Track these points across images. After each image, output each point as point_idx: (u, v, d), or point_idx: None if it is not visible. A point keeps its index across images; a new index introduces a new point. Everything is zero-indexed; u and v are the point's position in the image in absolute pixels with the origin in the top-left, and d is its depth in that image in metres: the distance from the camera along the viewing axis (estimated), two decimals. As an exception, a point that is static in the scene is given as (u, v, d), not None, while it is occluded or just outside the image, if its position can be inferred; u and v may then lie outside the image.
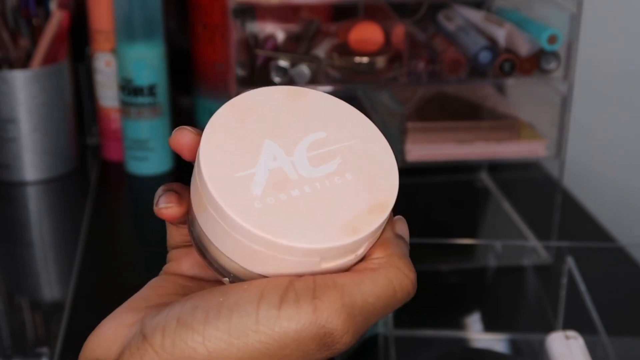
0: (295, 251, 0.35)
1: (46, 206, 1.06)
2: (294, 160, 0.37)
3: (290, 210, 0.35)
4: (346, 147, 0.38)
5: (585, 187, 1.09)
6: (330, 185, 0.37)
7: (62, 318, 0.75)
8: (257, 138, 0.37)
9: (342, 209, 0.36)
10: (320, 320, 0.34)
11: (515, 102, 0.94)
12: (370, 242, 0.38)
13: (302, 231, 0.35)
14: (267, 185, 0.36)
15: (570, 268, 0.73)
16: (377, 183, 0.37)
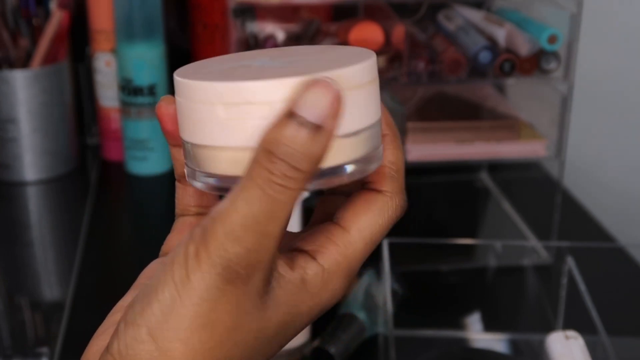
0: (251, 92, 0.32)
1: (46, 206, 1.06)
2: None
3: (248, 70, 0.35)
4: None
5: (585, 187, 1.09)
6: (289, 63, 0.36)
7: (62, 318, 0.75)
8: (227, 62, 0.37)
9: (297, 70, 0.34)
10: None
11: (515, 102, 0.94)
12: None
13: (254, 78, 0.33)
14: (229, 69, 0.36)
15: (570, 268, 0.73)
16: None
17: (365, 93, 0.36)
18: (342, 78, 0.33)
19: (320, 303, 0.36)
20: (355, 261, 0.36)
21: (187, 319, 0.32)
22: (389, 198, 0.37)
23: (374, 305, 0.77)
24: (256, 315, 0.33)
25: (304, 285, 0.35)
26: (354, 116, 0.34)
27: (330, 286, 0.36)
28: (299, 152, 0.31)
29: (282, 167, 0.31)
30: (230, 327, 0.33)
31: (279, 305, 0.34)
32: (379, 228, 0.37)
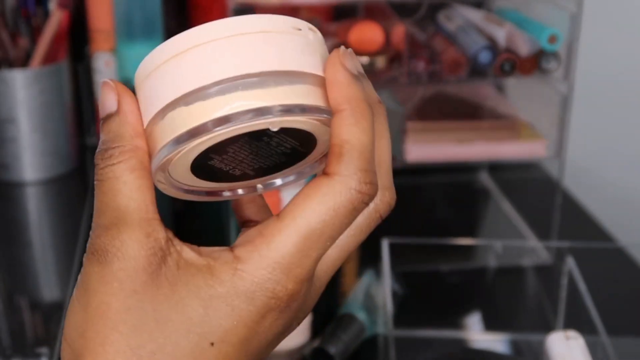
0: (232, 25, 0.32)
1: (46, 206, 1.06)
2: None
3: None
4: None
5: (585, 187, 1.09)
6: None
7: (62, 318, 0.75)
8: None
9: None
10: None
11: (515, 102, 0.94)
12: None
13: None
14: None
15: (570, 268, 0.73)
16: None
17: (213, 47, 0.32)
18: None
19: (235, 292, 0.32)
20: (289, 253, 0.32)
21: (80, 314, 0.34)
22: (337, 182, 0.32)
23: (374, 305, 0.77)
24: (146, 292, 0.33)
25: (209, 270, 0.33)
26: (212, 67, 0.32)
27: (248, 277, 0.32)
28: (107, 138, 0.34)
29: (100, 155, 0.34)
30: (120, 309, 0.33)
31: (176, 284, 0.33)
32: (320, 216, 0.32)
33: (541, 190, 0.99)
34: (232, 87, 0.32)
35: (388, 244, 0.73)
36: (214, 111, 0.32)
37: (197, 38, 0.32)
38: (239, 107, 0.31)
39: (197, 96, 0.32)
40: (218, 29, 0.32)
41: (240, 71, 0.32)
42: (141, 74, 0.34)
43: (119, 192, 0.34)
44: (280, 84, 0.32)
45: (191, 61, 0.32)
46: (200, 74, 0.32)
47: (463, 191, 1.08)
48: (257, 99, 0.32)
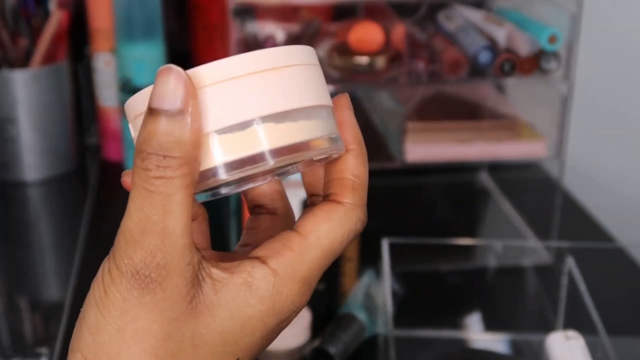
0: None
1: (46, 206, 1.06)
2: None
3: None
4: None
5: (585, 187, 1.09)
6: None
7: (62, 318, 0.75)
8: None
9: None
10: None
11: (515, 102, 0.94)
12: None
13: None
14: None
15: (570, 268, 0.73)
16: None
17: (244, 83, 0.33)
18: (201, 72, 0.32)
19: (273, 309, 0.34)
20: (314, 269, 0.35)
21: (112, 334, 0.33)
22: (349, 209, 0.36)
23: (374, 305, 0.77)
24: (187, 321, 0.33)
25: (249, 289, 0.33)
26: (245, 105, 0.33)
27: (284, 291, 0.34)
28: (164, 140, 0.31)
29: (154, 160, 0.32)
30: (160, 336, 0.32)
31: (216, 309, 0.33)
32: (339, 238, 0.36)
33: (541, 190, 0.99)
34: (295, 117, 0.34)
35: (388, 244, 0.73)
36: (291, 138, 0.33)
37: (273, 61, 0.33)
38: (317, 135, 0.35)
39: (279, 117, 0.33)
40: (290, 55, 0.34)
41: (312, 102, 0.34)
42: (205, 78, 0.32)
43: (171, 213, 0.32)
44: (327, 117, 0.36)
45: (277, 82, 0.33)
46: (288, 96, 0.33)
47: (463, 191, 1.08)
48: (322, 131, 0.35)
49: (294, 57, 0.34)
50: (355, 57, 0.81)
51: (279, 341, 0.72)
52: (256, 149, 0.33)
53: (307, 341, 0.73)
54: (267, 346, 0.36)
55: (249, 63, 0.33)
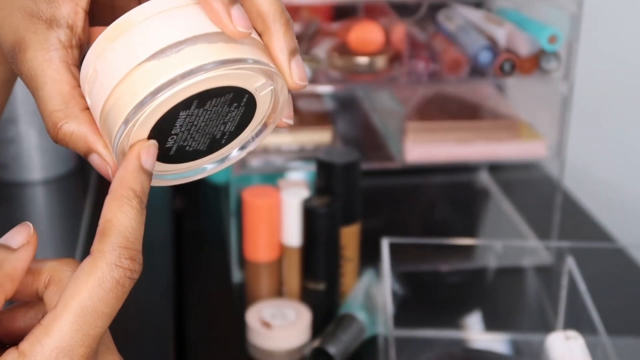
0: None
1: (46, 206, 1.05)
2: None
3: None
4: None
5: (585, 187, 1.09)
6: None
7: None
8: None
9: None
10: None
11: (515, 102, 0.94)
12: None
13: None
14: None
15: (570, 268, 0.73)
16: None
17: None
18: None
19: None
20: (66, 336, 0.34)
21: None
22: (97, 258, 0.35)
23: (374, 305, 0.77)
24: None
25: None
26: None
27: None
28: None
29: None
30: None
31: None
32: (89, 292, 0.34)
33: (541, 190, 0.99)
34: (174, 51, 0.35)
35: (388, 244, 0.73)
36: (174, 69, 0.35)
37: (147, 12, 0.36)
38: (199, 61, 0.35)
39: (155, 58, 0.35)
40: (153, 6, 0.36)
41: (181, 37, 0.35)
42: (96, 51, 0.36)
43: None
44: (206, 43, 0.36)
45: (141, 34, 0.36)
46: (152, 42, 0.35)
47: (463, 191, 1.08)
48: (201, 58, 0.35)
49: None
50: (356, 57, 0.81)
51: (280, 341, 0.72)
52: (163, 77, 0.35)
53: (307, 341, 0.74)
54: None
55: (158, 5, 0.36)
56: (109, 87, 0.36)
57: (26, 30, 0.37)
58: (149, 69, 0.35)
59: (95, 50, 0.36)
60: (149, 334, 0.74)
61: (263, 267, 0.77)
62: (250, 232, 0.77)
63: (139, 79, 0.35)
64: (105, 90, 0.36)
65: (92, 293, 0.34)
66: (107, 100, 0.36)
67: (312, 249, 0.75)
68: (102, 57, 0.36)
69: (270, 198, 0.76)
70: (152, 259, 0.90)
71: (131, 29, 0.36)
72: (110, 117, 0.36)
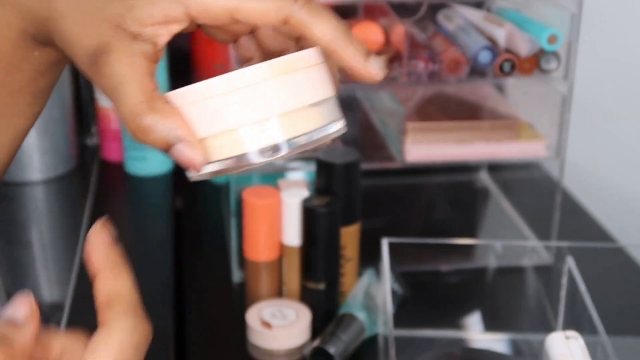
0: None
1: (46, 206, 1.06)
2: None
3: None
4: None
5: (585, 187, 1.09)
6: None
7: (62, 318, 0.75)
8: None
9: None
10: None
11: (515, 102, 0.94)
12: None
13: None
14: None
15: (570, 268, 0.73)
16: None
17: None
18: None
19: None
20: None
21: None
22: (109, 328, 0.37)
23: (374, 305, 0.77)
24: None
25: None
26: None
27: None
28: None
29: None
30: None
31: None
32: (114, 356, 0.36)
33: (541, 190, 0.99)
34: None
35: (388, 244, 0.73)
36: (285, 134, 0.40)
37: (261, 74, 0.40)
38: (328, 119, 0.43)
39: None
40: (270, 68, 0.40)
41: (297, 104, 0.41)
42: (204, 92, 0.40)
43: None
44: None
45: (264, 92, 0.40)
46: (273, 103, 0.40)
47: (463, 191, 1.08)
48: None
49: (306, 59, 0.42)
50: (355, 57, 0.81)
51: (280, 341, 0.72)
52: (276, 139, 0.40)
53: (307, 341, 0.74)
54: None
55: (267, 71, 0.40)
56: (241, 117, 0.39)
57: (112, 37, 0.40)
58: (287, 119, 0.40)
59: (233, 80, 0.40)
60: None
61: (263, 267, 0.77)
62: (250, 232, 0.77)
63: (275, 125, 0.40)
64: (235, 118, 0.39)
65: (119, 356, 0.36)
66: (235, 128, 0.39)
67: (312, 249, 0.75)
68: (230, 93, 0.40)
69: (270, 198, 0.76)
70: (152, 259, 0.90)
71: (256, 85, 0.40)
72: (227, 141, 0.40)
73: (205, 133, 0.39)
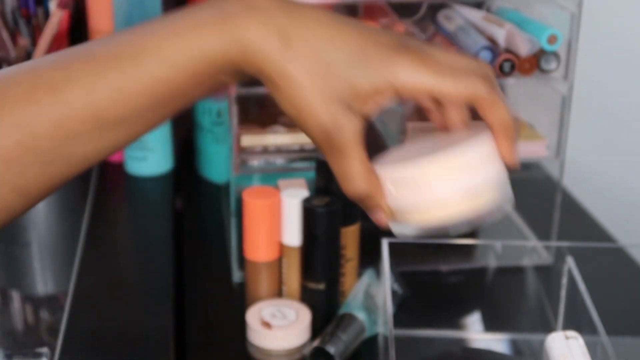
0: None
1: (46, 206, 1.05)
2: None
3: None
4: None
5: (585, 187, 1.09)
6: None
7: (62, 318, 0.75)
8: None
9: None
10: None
11: (515, 102, 0.94)
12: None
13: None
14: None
15: (570, 268, 0.73)
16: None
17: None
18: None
19: None
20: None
21: None
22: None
23: (374, 305, 0.77)
24: None
25: None
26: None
27: None
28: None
29: None
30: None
31: None
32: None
33: (541, 190, 0.99)
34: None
35: (388, 244, 0.73)
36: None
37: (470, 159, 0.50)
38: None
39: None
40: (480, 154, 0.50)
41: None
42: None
43: None
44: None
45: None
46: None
47: (463, 191, 1.08)
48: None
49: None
50: (355, 57, 0.81)
51: (280, 341, 0.72)
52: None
53: (307, 341, 0.74)
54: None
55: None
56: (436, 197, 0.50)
57: (343, 116, 0.49)
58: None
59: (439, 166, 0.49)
60: (149, 334, 0.74)
61: (263, 267, 0.77)
62: (250, 232, 0.77)
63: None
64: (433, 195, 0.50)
65: None
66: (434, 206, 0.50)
67: (312, 249, 0.75)
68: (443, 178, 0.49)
69: (270, 198, 0.76)
70: (152, 259, 0.90)
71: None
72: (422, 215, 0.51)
73: (401, 203, 0.50)
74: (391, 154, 0.53)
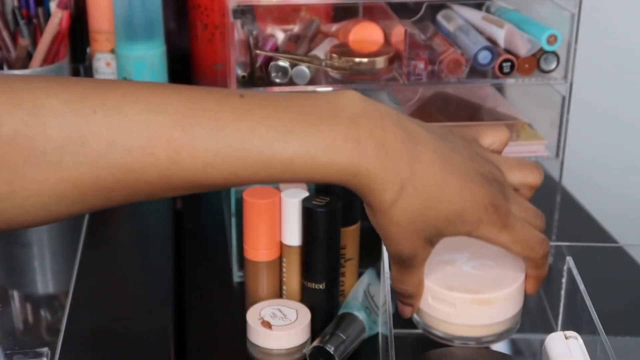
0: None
1: (46, 206, 1.05)
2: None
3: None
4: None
5: (584, 187, 1.09)
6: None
7: (62, 318, 0.75)
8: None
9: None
10: None
11: (515, 102, 0.94)
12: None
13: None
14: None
15: (570, 268, 0.73)
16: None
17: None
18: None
19: None
20: None
21: None
22: None
23: (374, 305, 0.77)
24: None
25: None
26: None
27: None
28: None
29: None
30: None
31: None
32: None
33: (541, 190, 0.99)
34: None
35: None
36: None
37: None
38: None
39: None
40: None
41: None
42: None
43: None
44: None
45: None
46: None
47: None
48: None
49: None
50: (355, 57, 0.81)
51: (280, 341, 0.72)
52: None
53: (307, 341, 0.74)
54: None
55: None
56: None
57: (421, 248, 0.57)
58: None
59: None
60: (149, 334, 0.74)
61: (263, 267, 0.77)
62: (250, 232, 0.77)
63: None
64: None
65: None
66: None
67: (312, 249, 0.75)
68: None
69: (270, 198, 0.76)
70: (152, 259, 0.90)
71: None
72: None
73: (432, 312, 0.63)
74: (436, 255, 0.60)
